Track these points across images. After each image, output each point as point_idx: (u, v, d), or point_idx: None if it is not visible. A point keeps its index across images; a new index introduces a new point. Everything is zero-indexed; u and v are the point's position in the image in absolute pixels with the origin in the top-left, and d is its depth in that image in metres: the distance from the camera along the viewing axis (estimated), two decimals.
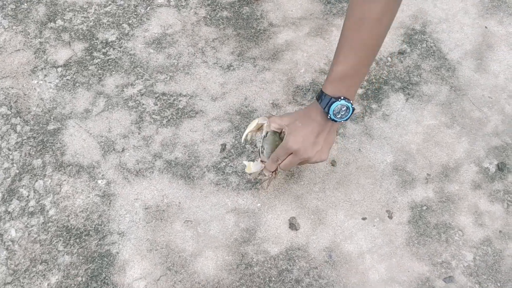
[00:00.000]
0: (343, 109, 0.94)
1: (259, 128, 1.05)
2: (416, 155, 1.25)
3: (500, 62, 1.41)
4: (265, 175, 1.08)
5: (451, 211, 1.18)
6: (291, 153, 0.98)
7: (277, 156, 1.01)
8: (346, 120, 0.96)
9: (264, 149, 1.04)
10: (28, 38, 1.36)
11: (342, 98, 0.92)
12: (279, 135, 1.04)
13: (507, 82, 1.37)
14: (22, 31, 1.37)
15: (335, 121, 0.96)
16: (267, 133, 1.03)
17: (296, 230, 1.13)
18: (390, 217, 1.16)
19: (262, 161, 1.06)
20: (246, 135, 1.05)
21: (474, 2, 1.53)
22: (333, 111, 0.93)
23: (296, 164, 1.01)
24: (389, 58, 1.40)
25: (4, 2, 1.42)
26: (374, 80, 1.35)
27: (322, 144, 0.98)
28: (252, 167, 1.05)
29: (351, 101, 0.94)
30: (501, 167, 1.24)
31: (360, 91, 1.33)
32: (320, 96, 0.95)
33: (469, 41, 1.45)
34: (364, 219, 1.15)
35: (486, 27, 1.48)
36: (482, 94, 1.35)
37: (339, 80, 0.92)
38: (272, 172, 1.05)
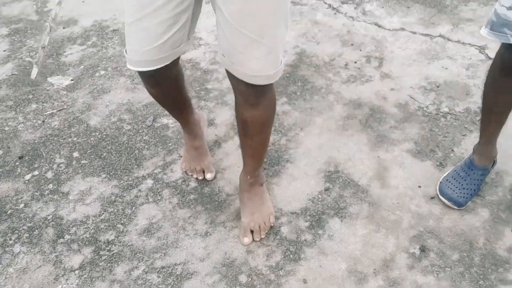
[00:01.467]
0: None
1: None
2: (361, 258, 1.66)
3: (396, 177, 1.94)
4: None
5: None
6: None
7: None
8: None
9: None
10: (45, 255, 1.72)
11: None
12: None
13: (405, 189, 1.89)
14: (39, 251, 1.73)
15: None
16: None
17: None
18: None
19: None
20: None
21: (364, 142, 2.12)
22: None
23: None
24: (319, 195, 1.88)
25: (19, 234, 1.79)
26: (314, 214, 1.81)
27: None
28: None
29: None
30: (422, 249, 1.68)
31: (306, 223, 1.78)
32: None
33: (370, 169, 1.99)
34: None
35: (378, 157, 2.04)
36: (392, 202, 1.85)
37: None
38: None
